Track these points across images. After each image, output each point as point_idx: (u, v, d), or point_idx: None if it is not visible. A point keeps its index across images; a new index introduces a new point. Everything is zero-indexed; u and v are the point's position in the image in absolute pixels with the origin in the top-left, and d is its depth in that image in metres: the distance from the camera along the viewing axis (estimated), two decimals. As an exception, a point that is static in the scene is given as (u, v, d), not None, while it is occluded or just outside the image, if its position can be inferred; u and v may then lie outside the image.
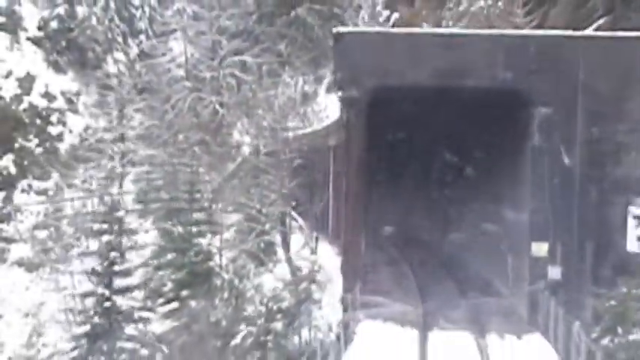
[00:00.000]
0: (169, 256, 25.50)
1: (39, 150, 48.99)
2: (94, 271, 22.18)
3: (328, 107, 50.54)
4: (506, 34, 21.55)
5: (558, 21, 29.83)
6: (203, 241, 26.26)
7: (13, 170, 47.56)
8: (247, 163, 38.22)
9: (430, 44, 20.80)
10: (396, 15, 49.76)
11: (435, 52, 20.06)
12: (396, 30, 26.33)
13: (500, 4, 34.56)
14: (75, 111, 51.49)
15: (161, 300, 24.96)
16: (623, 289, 16.26)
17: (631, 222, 19.02)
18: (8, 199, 47.04)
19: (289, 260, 29.01)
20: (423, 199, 24.02)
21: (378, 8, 51.82)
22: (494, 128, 22.00)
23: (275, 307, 20.35)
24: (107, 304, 21.31)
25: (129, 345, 21.18)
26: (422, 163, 23.63)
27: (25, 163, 48.13)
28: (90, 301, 22.04)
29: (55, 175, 49.34)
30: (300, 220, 34.94)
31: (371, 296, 19.67)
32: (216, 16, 48.98)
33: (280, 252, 30.65)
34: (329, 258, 28.78)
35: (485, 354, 15.94)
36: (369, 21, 53.83)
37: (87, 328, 21.35)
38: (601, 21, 27.65)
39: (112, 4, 54.21)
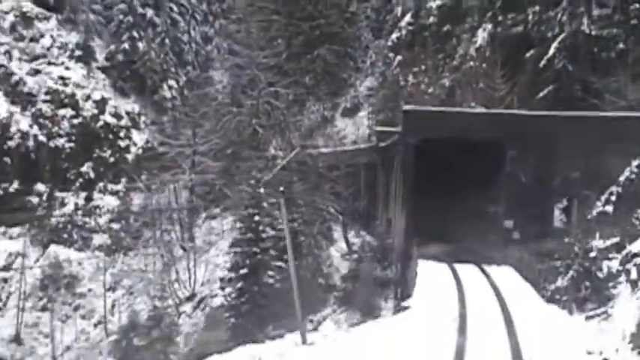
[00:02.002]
0: (267, 234, 42.60)
1: (112, 159, 65.10)
2: (244, 239, 39.54)
3: (345, 129, 67.63)
4: (494, 112, 40.10)
5: (523, 84, 48.08)
6: (295, 224, 43.88)
7: (92, 175, 63.65)
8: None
9: (453, 116, 39.29)
10: (399, 57, 65.65)
11: (456, 120, 38.21)
12: (435, 108, 43.84)
13: (484, 65, 52.85)
14: (138, 128, 68.16)
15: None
16: (550, 242, 34.52)
17: (556, 211, 37.31)
18: (89, 198, 62.96)
19: (346, 239, 46.95)
20: (444, 200, 41.38)
21: (385, 51, 69.43)
22: (486, 162, 39.17)
23: (364, 255, 37.98)
24: (257, 257, 38.84)
25: (270, 280, 38.71)
26: (446, 179, 41.02)
27: (101, 169, 64.31)
28: (241, 257, 39.45)
29: (124, 180, 65.94)
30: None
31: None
32: (256, 55, 65.67)
33: (335, 235, 48.57)
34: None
35: (485, 274, 33.56)
36: (375, 60, 71.42)
37: (245, 270, 38.82)
38: (550, 87, 45.80)
39: (167, 41, 70.61)
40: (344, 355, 18.92)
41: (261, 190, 39.52)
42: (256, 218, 39.11)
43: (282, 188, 29.87)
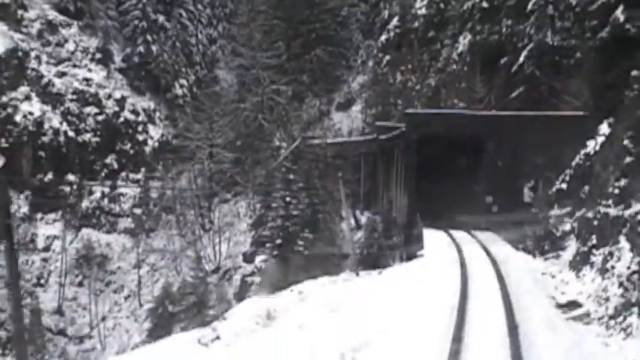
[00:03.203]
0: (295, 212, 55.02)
1: (132, 151, 76.35)
2: (278, 215, 52.01)
3: (341, 122, 79.55)
4: (477, 114, 52.69)
5: (499, 86, 60.31)
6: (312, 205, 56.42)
7: (115, 166, 74.46)
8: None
9: (444, 116, 52.21)
10: (387, 57, 77.30)
11: (448, 119, 50.84)
12: (430, 110, 56.64)
13: (465, 69, 65.28)
14: (153, 123, 79.74)
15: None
16: (520, 212, 47.28)
17: (526, 189, 50.18)
18: (113, 187, 73.27)
19: (354, 216, 59.41)
20: (438, 182, 53.32)
21: (374, 51, 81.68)
22: (471, 152, 50.98)
23: (372, 227, 50.54)
24: (289, 230, 51.32)
25: (300, 248, 51.11)
26: (439, 166, 53.02)
27: (123, 160, 75.21)
28: (277, 232, 51.86)
29: (143, 169, 77.30)
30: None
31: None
32: (260, 56, 77.89)
33: (344, 213, 60.84)
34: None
35: (473, 236, 45.95)
36: (366, 59, 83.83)
37: (279, 241, 51.27)
38: (521, 88, 58.02)
39: (177, 44, 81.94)
40: (390, 279, 31.35)
41: (291, 176, 51.72)
42: (287, 199, 51.41)
43: (340, 174, 42.15)
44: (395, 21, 78.92)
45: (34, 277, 65.13)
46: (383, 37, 79.85)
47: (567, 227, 37.94)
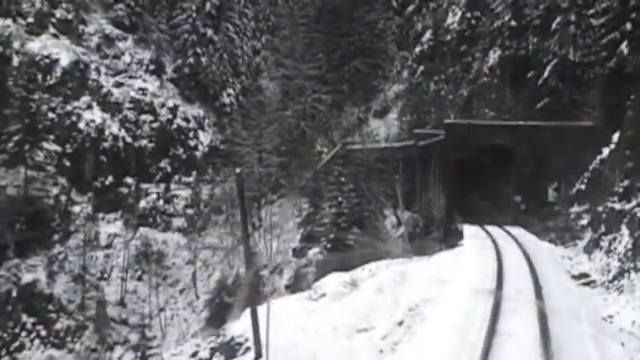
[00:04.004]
0: (346, 210, 63.86)
1: (184, 156, 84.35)
2: (333, 213, 61.15)
3: (378, 129, 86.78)
4: (507, 124, 60.49)
5: (526, 98, 68.43)
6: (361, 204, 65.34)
7: (169, 169, 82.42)
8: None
9: (479, 126, 60.98)
10: (421, 67, 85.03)
11: (481, 130, 59.60)
12: (466, 121, 64.58)
13: (495, 81, 73.76)
14: (203, 129, 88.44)
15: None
16: (544, 210, 55.95)
17: (550, 190, 58.28)
18: (167, 189, 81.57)
19: (396, 214, 68.34)
20: (473, 185, 61.57)
21: (409, 62, 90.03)
22: (501, 158, 59.26)
23: (414, 223, 59.62)
24: (340, 226, 60.35)
25: (351, 242, 59.99)
26: (474, 170, 61.26)
27: (176, 164, 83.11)
28: (330, 228, 60.99)
29: (194, 173, 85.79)
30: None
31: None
32: (303, 67, 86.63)
33: (386, 212, 69.70)
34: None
35: (504, 229, 54.22)
36: (401, 69, 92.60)
37: (332, 235, 60.41)
38: (546, 100, 65.43)
39: (225, 56, 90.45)
40: (440, 261, 40.50)
41: (342, 179, 60.81)
42: (339, 199, 60.59)
43: (397, 176, 51.33)
44: (428, 34, 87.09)
45: (99, 272, 72.32)
46: (417, 49, 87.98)
47: (585, 222, 45.44)
